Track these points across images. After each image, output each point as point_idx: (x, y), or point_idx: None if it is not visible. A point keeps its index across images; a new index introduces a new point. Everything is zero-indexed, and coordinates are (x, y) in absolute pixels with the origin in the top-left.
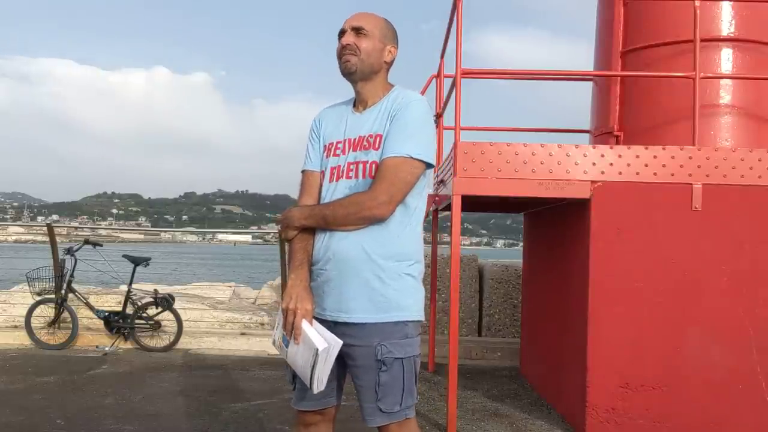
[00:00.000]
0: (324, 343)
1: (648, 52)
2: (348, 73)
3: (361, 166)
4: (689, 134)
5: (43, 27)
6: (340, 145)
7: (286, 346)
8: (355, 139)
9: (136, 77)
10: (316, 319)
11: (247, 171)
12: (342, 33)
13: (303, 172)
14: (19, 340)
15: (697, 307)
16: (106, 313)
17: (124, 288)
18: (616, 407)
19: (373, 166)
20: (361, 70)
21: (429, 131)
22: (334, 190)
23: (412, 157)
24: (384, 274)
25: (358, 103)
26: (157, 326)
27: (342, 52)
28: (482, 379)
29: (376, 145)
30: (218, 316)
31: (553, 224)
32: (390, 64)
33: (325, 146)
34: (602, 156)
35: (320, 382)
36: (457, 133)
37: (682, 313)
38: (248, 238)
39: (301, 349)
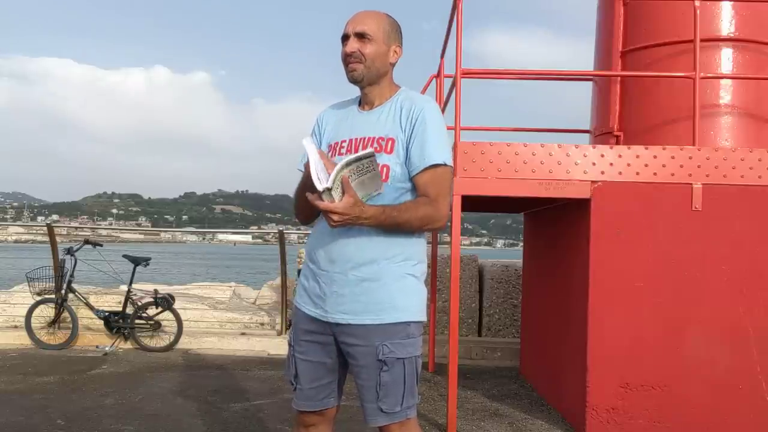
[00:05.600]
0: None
1: (648, 52)
2: (355, 81)
3: None
4: (689, 134)
5: (43, 26)
6: (344, 144)
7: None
8: (363, 139)
9: (136, 77)
10: (319, 321)
11: (247, 171)
12: (345, 38)
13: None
14: (19, 340)
15: (697, 307)
16: (106, 313)
17: (124, 288)
18: (616, 407)
19: (385, 169)
20: (368, 77)
21: (446, 133)
22: None
23: (446, 164)
24: (387, 275)
25: (365, 103)
26: (157, 326)
27: (347, 60)
28: (482, 379)
29: (389, 149)
30: (218, 316)
31: (553, 224)
32: (395, 63)
33: (329, 146)
34: (602, 156)
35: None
36: (457, 133)
37: (682, 313)
38: (248, 238)
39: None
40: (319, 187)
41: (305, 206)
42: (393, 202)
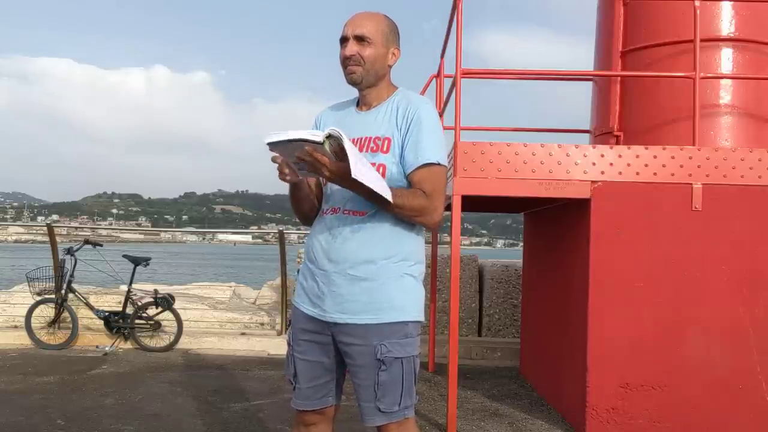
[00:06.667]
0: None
1: (648, 52)
2: (354, 84)
3: None
4: (689, 134)
5: (43, 26)
6: None
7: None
8: (360, 139)
9: (136, 76)
10: (317, 320)
11: (247, 171)
12: (344, 40)
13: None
14: (19, 340)
15: (697, 307)
16: (106, 313)
17: (124, 288)
18: (616, 407)
19: (381, 168)
20: (367, 80)
21: (442, 134)
22: (339, 188)
23: (440, 164)
24: (385, 275)
25: (363, 103)
26: (157, 326)
27: (346, 62)
28: (482, 379)
29: (385, 149)
30: (218, 316)
31: (553, 224)
32: (393, 65)
33: None
34: (602, 156)
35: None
36: (457, 133)
37: (682, 313)
38: (248, 238)
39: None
40: (316, 138)
41: (298, 208)
42: None
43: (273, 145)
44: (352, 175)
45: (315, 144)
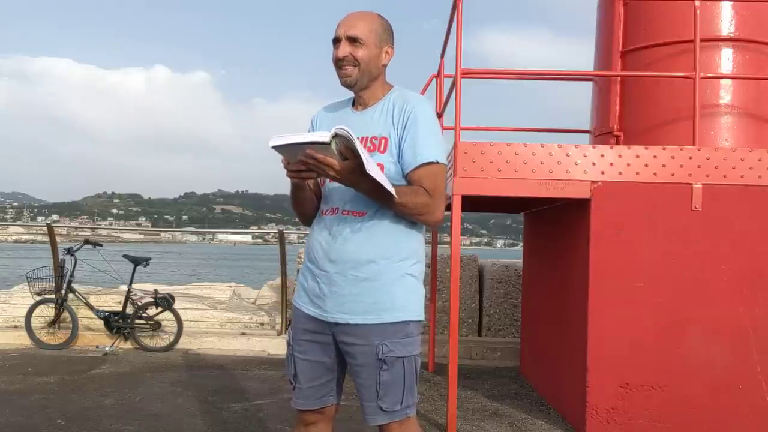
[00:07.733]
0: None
1: (648, 52)
2: (348, 86)
3: None
4: (689, 134)
5: (42, 26)
6: None
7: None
8: (357, 139)
9: (136, 76)
10: (318, 320)
11: (247, 171)
12: (336, 41)
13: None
14: (19, 340)
15: (697, 307)
16: (106, 313)
17: (124, 288)
18: (616, 407)
19: (379, 168)
20: (361, 80)
21: (440, 132)
22: (339, 187)
23: (439, 162)
24: (386, 275)
25: (358, 103)
26: (157, 326)
27: (339, 64)
28: (482, 379)
29: (382, 148)
30: (218, 316)
31: (553, 224)
32: (387, 64)
33: None
34: (602, 156)
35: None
36: (457, 133)
37: (682, 313)
38: (248, 238)
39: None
40: (323, 138)
41: (302, 210)
42: None
43: (278, 148)
44: (367, 171)
45: (321, 145)
